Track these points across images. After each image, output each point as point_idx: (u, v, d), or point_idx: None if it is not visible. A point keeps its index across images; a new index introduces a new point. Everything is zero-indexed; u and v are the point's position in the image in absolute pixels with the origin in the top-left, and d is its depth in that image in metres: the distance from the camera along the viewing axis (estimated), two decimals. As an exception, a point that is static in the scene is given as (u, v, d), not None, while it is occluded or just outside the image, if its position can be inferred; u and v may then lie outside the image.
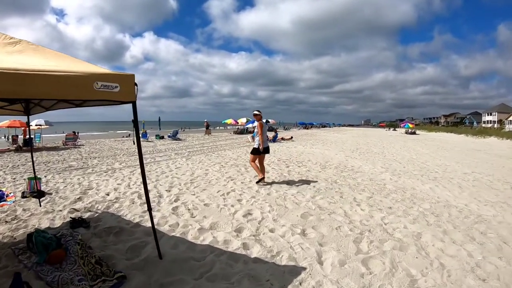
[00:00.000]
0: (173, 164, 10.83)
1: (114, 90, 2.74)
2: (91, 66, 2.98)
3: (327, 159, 13.13)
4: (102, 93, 2.67)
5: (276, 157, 13.26)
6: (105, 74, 2.71)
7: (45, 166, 10.85)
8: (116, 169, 9.99)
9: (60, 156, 13.59)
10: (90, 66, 3.01)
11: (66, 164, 11.13)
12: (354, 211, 5.65)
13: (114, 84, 2.73)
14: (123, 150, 15.85)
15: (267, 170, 9.60)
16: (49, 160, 12.28)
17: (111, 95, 2.73)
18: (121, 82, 2.78)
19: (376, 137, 36.28)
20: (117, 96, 2.78)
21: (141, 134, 23.29)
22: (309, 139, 28.82)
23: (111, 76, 2.73)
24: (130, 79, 2.87)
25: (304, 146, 19.82)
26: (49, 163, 11.44)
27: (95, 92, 2.62)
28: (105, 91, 2.68)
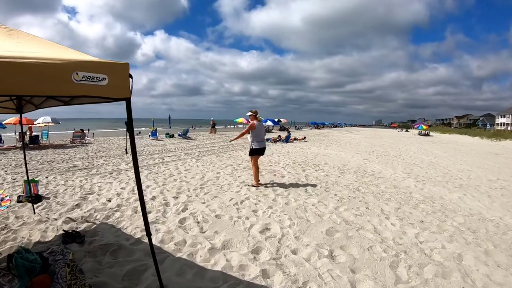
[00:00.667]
0: (182, 166, 10.22)
1: (101, 83, 2.09)
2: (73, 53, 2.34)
3: (344, 162, 12.39)
4: (84, 87, 2.02)
5: (291, 159, 12.55)
6: (89, 62, 2.06)
7: (49, 165, 10.37)
8: (122, 170, 9.42)
9: (66, 155, 13.11)
10: (73, 52, 2.36)
11: (70, 164, 10.62)
12: (384, 226, 4.96)
13: (101, 76, 2.08)
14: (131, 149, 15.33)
15: (283, 174, 9.03)
16: (53, 159, 11.80)
17: (97, 90, 2.08)
18: (110, 72, 2.13)
19: (390, 139, 35.31)
20: (105, 91, 2.13)
21: (151, 133, 22.80)
22: (322, 139, 28.06)
23: (96, 64, 2.08)
24: (122, 69, 2.21)
25: (318, 147, 19.09)
26: (53, 162, 10.96)
27: (74, 85, 1.97)
28: (88, 84, 2.03)
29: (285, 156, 13.80)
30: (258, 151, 7.26)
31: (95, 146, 16.93)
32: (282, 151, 15.85)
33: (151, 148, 16.09)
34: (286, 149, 16.98)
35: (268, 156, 13.32)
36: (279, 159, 12.65)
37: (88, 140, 20.28)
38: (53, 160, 11.52)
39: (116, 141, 20.26)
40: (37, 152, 13.98)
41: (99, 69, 2.07)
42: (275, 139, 22.30)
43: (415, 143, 28.80)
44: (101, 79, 2.08)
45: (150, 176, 8.35)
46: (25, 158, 5.55)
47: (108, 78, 2.11)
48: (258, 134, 7.22)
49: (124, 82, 2.22)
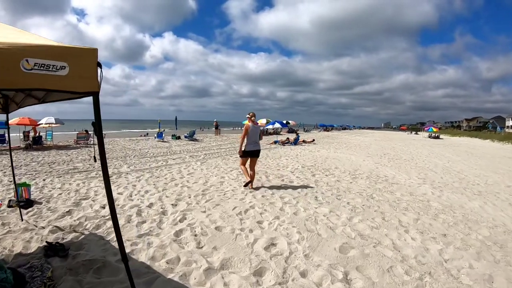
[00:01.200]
0: (186, 169, 9.78)
1: (59, 72, 1.63)
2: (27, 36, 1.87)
3: (355, 167, 11.84)
4: (37, 78, 1.56)
5: (300, 163, 12.03)
6: (43, 46, 1.60)
7: (49, 167, 10.04)
8: (122, 173, 9.02)
9: (68, 156, 12.80)
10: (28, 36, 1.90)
11: (71, 166, 10.28)
12: (404, 241, 4.44)
13: (59, 63, 1.62)
14: (135, 151, 14.95)
15: (291, 179, 8.51)
16: (55, 161, 11.49)
17: (54, 81, 1.62)
18: (71, 60, 1.66)
19: (400, 141, 34.58)
20: (65, 83, 1.66)
21: (156, 134, 22.44)
22: (331, 142, 27.47)
23: (53, 49, 1.62)
24: (88, 55, 1.74)
25: (327, 150, 18.53)
26: (53, 164, 10.65)
27: (24, 76, 1.52)
28: (42, 74, 1.57)
29: (293, 159, 13.29)
30: (252, 153, 7.14)
31: (100, 147, 16.61)
32: (291, 154, 15.34)
33: (155, 150, 15.70)
34: (294, 152, 16.47)
35: (276, 160, 12.84)
36: (287, 162, 12.15)
37: (93, 141, 19.97)
38: (54, 162, 11.20)
39: (121, 142, 19.94)
40: (39, 153, 13.71)
41: (56, 56, 1.61)
42: (284, 141, 21.78)
43: (426, 146, 28.08)
44: (59, 67, 1.62)
45: (151, 180, 7.92)
46: (11, 160, 5.10)
47: (69, 67, 1.65)
48: (252, 136, 7.09)
49: (91, 72, 1.75)
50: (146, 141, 20.76)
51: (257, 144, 7.15)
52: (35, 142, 15.96)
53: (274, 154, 14.98)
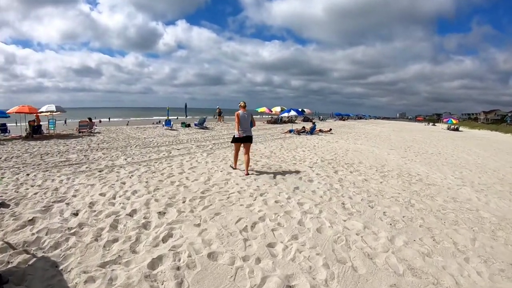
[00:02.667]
0: (189, 162, 8.58)
1: None
2: None
3: (381, 161, 10.46)
4: None
5: (319, 156, 10.69)
6: None
7: (40, 159, 9.08)
8: (116, 166, 7.90)
9: (65, 146, 11.79)
10: None
11: (64, 158, 9.25)
12: (468, 278, 3.18)
13: None
14: (138, 140, 13.83)
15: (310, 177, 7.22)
16: (49, 151, 10.50)
17: None
18: None
19: (419, 133, 32.74)
20: None
21: (164, 122, 21.28)
22: (348, 131, 25.92)
23: None
24: None
25: (346, 141, 17.10)
26: (46, 155, 9.67)
27: None
28: None
29: (311, 151, 11.96)
30: (241, 139, 7.41)
31: (102, 136, 15.55)
32: (307, 145, 13.99)
33: (161, 139, 14.53)
34: (311, 142, 15.11)
35: (291, 151, 11.53)
36: (304, 155, 10.83)
37: (98, 129, 19.03)
38: (48, 153, 10.20)
39: (127, 131, 18.88)
40: (37, 143, 12.79)
41: None
42: (299, 130, 20.40)
43: (447, 138, 26.32)
44: None
45: (145, 177, 6.74)
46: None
47: None
48: (242, 123, 7.38)
49: None
50: (153, 130, 19.63)
51: (247, 131, 7.43)
52: (35, 131, 15.01)
53: (289, 145, 13.65)
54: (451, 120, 47.68)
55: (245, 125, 7.41)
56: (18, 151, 10.68)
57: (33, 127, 15.13)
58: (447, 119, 50.40)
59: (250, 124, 7.53)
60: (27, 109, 15.09)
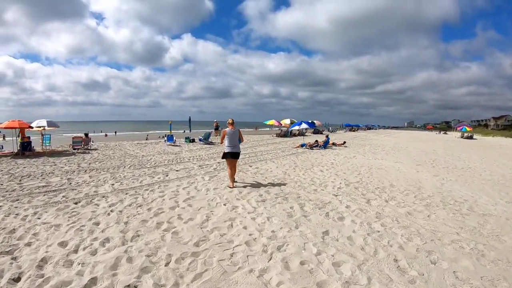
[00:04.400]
0: (186, 189, 7.08)
1: None
2: None
3: (414, 182, 8.89)
4: None
5: (341, 177, 9.11)
6: None
7: (18, 182, 7.99)
8: (97, 195, 6.49)
9: (52, 166, 10.44)
10: None
11: (44, 182, 7.99)
12: None
13: None
14: (135, 159, 12.39)
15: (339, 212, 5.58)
16: (32, 173, 9.24)
17: None
18: None
19: (435, 143, 31.03)
20: None
21: (166, 137, 19.75)
22: (363, 144, 24.25)
23: None
24: None
25: (364, 156, 15.50)
26: (28, 178, 8.50)
27: None
28: None
29: (330, 170, 10.40)
30: (228, 154, 7.61)
31: (97, 153, 14.15)
32: (324, 162, 12.42)
33: (160, 157, 13.03)
34: (327, 159, 13.52)
35: (307, 171, 9.98)
36: (324, 176, 9.24)
37: (95, 145, 17.66)
38: (31, 174, 8.95)
39: (126, 146, 17.48)
40: (24, 162, 11.54)
41: None
42: (312, 144, 18.82)
43: (467, 148, 24.72)
44: None
45: (126, 214, 5.27)
46: None
47: None
48: (230, 140, 7.63)
49: None
50: (154, 146, 18.14)
51: (235, 147, 7.65)
52: (24, 148, 13.69)
53: (304, 163, 12.07)
54: (465, 128, 46.61)
55: (233, 141, 7.65)
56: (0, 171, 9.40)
57: (22, 144, 13.83)
58: (460, 127, 49.11)
59: (239, 141, 7.80)
60: (17, 123, 13.80)
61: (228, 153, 7.58)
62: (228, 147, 7.58)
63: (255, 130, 56.77)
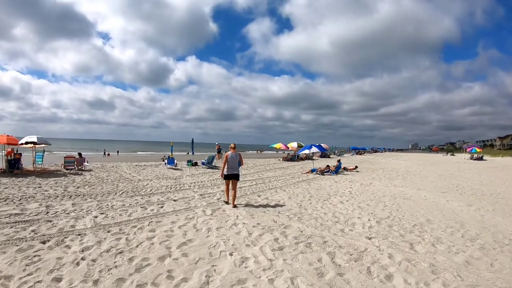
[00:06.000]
0: (183, 228, 5.70)
1: None
2: None
3: (451, 216, 7.52)
4: None
5: (367, 211, 7.69)
6: None
7: None
8: (72, 232, 5.24)
9: (36, 189, 9.40)
10: None
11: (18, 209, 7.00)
12: None
13: None
14: (130, 184, 11.11)
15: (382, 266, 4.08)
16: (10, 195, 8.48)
17: None
18: None
19: (445, 165, 29.82)
20: None
21: (167, 160, 18.39)
22: (374, 168, 22.81)
23: None
24: None
25: (381, 182, 14.11)
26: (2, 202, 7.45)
27: None
28: None
29: (350, 201, 9.03)
30: (229, 176, 8.03)
31: (90, 175, 12.90)
32: (340, 191, 11.03)
33: (158, 182, 11.70)
34: (342, 186, 12.14)
35: (325, 203, 8.62)
36: (347, 210, 7.80)
37: (89, 166, 16.42)
38: (8, 198, 8.12)
39: (124, 168, 16.22)
40: (7, 181, 10.58)
41: None
42: (323, 170, 17.47)
43: (482, 170, 23.47)
44: None
45: (99, 265, 3.97)
46: None
47: None
48: (231, 163, 8.03)
49: None
50: (153, 168, 16.83)
51: (235, 169, 8.06)
52: (11, 165, 12.52)
53: (319, 191, 10.71)
54: (475, 149, 46.10)
55: (232, 164, 8.08)
56: None
57: (9, 161, 12.65)
58: (470, 148, 49.05)
59: (238, 164, 8.22)
60: (5, 139, 12.61)
61: (228, 175, 8.05)
62: (228, 169, 8.03)
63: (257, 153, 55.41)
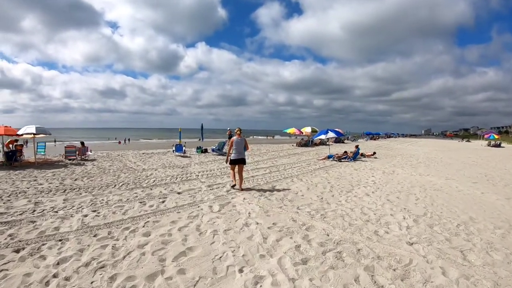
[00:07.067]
0: (183, 231, 4.80)
1: None
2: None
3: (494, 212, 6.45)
4: None
5: (398, 206, 6.67)
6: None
7: None
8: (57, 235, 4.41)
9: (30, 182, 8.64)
10: None
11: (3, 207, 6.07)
12: None
13: None
14: (133, 173, 10.30)
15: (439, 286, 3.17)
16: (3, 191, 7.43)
17: None
18: None
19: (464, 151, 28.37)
20: None
21: (175, 147, 17.57)
22: (392, 154, 21.59)
23: None
24: None
25: (404, 170, 12.99)
26: None
27: None
28: None
29: (376, 192, 8.00)
30: (235, 161, 8.01)
31: (92, 166, 12.13)
32: (363, 180, 9.97)
33: (163, 172, 10.83)
34: (364, 175, 11.09)
35: (349, 195, 7.61)
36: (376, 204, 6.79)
37: (94, 155, 15.70)
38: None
39: (129, 157, 15.44)
40: (3, 174, 9.94)
41: None
42: (340, 156, 16.44)
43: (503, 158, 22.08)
44: None
45: (72, 285, 3.10)
46: None
47: None
48: (236, 148, 8.02)
49: None
50: (160, 156, 16.01)
51: (240, 154, 8.05)
52: (9, 157, 11.82)
53: (339, 181, 9.69)
54: (493, 136, 45.01)
55: (239, 149, 8.05)
56: None
57: (6, 154, 11.96)
58: (488, 134, 47.89)
59: (244, 149, 8.16)
60: (2, 130, 11.91)
61: (234, 160, 8.01)
62: (234, 154, 8.00)
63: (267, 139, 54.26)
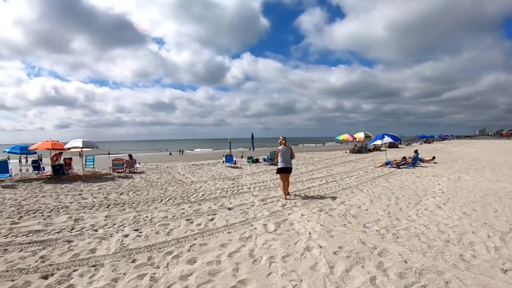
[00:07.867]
0: (234, 257, 4.04)
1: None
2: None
3: None
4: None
5: (477, 221, 5.34)
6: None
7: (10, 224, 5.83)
8: (91, 259, 3.88)
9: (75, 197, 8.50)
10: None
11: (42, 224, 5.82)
12: None
13: None
14: (181, 186, 9.83)
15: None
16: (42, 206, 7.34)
17: None
18: None
19: None
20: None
21: (225, 158, 17.00)
22: (451, 158, 19.36)
23: None
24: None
25: (469, 176, 11.23)
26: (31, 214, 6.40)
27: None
28: None
29: (448, 204, 6.71)
30: (282, 170, 7.93)
31: (139, 178, 11.89)
32: (430, 189, 8.53)
33: (213, 184, 10.26)
34: (429, 183, 9.63)
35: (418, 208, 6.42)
36: (451, 219, 5.63)
37: (142, 168, 15.62)
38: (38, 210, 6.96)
39: (178, 169, 15.16)
40: (49, 188, 9.99)
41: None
42: (399, 162, 15.05)
43: None
44: None
45: None
46: None
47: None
48: (283, 156, 7.96)
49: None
50: (210, 168, 15.53)
51: (287, 163, 7.96)
52: (56, 172, 11.90)
53: (403, 190, 8.46)
54: None
55: (285, 157, 7.96)
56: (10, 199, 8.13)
57: (54, 168, 12.06)
58: None
59: (290, 157, 8.04)
60: (50, 144, 12.19)
61: (281, 169, 7.94)
62: (281, 163, 7.95)
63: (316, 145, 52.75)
